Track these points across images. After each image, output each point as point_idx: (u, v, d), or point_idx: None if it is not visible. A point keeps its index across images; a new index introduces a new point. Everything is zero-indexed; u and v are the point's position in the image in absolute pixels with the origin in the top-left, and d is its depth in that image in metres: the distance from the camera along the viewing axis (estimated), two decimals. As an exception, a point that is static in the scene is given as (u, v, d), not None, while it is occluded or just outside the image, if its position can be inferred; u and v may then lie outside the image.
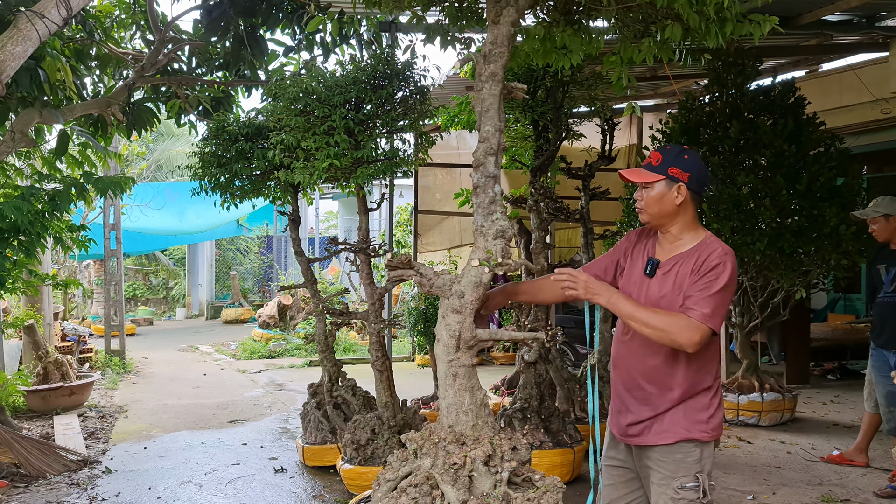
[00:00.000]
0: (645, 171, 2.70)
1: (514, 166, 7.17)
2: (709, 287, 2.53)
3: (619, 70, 3.61)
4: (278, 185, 5.83)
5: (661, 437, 2.64)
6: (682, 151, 2.68)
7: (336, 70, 4.97)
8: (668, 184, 2.64)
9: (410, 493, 2.63)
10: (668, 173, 2.64)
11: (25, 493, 5.43)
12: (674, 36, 2.95)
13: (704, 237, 2.69)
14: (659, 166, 2.66)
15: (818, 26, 6.88)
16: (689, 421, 2.62)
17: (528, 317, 5.84)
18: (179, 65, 7.28)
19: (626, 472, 2.84)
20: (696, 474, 2.60)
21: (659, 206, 2.66)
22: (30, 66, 5.33)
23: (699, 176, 2.66)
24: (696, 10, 2.72)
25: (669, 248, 2.71)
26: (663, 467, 2.64)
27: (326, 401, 5.99)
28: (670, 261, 2.68)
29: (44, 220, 5.78)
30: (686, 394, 2.64)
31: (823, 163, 6.15)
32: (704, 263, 2.58)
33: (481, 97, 2.75)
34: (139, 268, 23.44)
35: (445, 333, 2.78)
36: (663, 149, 2.70)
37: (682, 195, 2.64)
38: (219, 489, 5.50)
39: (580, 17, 3.26)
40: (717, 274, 2.54)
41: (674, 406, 2.64)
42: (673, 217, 2.68)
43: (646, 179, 2.66)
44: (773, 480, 5.35)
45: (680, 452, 2.62)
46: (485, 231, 2.77)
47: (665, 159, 2.66)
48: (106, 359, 11.43)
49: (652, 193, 2.66)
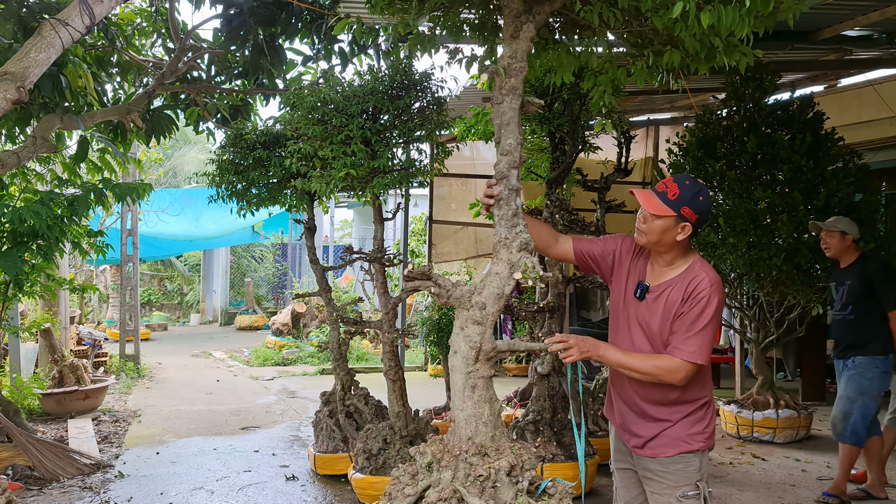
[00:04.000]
0: (658, 200, 2.69)
1: (529, 177, 7.17)
2: (694, 324, 2.62)
3: (601, 89, 3.59)
4: (294, 194, 5.87)
5: (662, 450, 2.75)
6: (699, 192, 2.69)
7: (354, 80, 5.00)
8: (677, 220, 2.67)
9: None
10: (680, 212, 2.66)
11: (39, 496, 5.46)
12: (672, 62, 2.95)
13: (692, 262, 2.75)
14: (674, 201, 2.66)
15: (838, 41, 6.84)
16: (687, 433, 2.73)
17: (541, 328, 5.82)
18: (199, 73, 7.36)
19: (635, 475, 2.94)
20: (696, 483, 2.72)
21: (659, 237, 2.71)
22: (52, 73, 5.40)
23: (705, 218, 2.72)
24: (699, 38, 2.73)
25: (660, 273, 2.78)
26: (664, 478, 2.75)
27: (339, 409, 6.00)
28: (660, 287, 2.75)
29: (62, 224, 5.84)
30: (684, 409, 2.74)
31: (842, 178, 6.10)
32: (692, 296, 2.64)
33: (501, 110, 2.76)
34: (154, 273, 23.59)
35: (465, 345, 2.78)
36: (682, 183, 2.70)
37: (685, 234, 2.69)
38: (230, 496, 5.51)
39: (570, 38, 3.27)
40: (702, 308, 2.62)
41: (674, 422, 2.74)
42: (670, 248, 2.74)
43: (657, 211, 2.68)
44: (787, 499, 5.29)
45: (681, 463, 2.73)
46: (508, 243, 2.77)
47: (682, 195, 2.66)
48: (120, 363, 11.51)
49: (657, 224, 2.69)
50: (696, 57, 2.88)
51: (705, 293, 2.62)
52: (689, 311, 2.63)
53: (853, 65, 7.85)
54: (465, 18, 3.28)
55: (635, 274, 2.83)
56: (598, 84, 3.51)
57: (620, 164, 6.50)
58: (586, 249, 2.95)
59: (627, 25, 2.94)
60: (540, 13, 2.78)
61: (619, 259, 2.90)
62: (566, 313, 6.65)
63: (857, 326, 5.21)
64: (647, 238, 2.74)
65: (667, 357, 2.63)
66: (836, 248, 5.28)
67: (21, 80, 3.83)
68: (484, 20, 3.25)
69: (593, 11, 2.75)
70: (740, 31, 2.54)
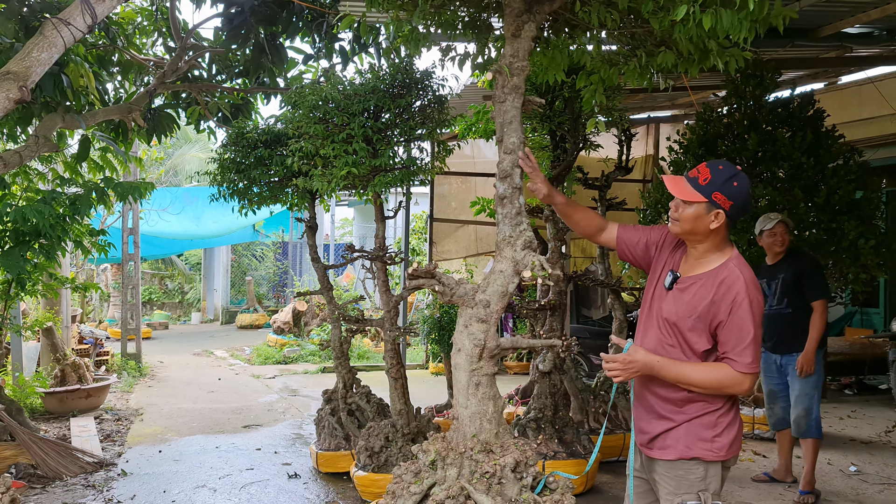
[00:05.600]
0: (689, 185, 2.56)
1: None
2: (743, 334, 2.48)
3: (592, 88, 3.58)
4: (296, 192, 5.88)
5: (664, 452, 2.64)
6: (734, 176, 2.53)
7: (355, 79, 5.01)
8: (708, 207, 2.52)
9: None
10: (711, 198, 2.51)
11: (42, 495, 5.48)
12: (666, 63, 2.95)
13: (728, 258, 2.59)
14: (705, 186, 2.52)
15: (838, 38, 6.85)
16: (690, 438, 2.59)
17: (542, 326, 5.83)
18: (200, 72, 7.37)
19: (644, 483, 2.83)
20: (698, 493, 2.57)
21: (692, 224, 2.56)
22: (54, 72, 5.42)
23: (742, 205, 2.54)
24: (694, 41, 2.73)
25: (693, 265, 2.64)
26: (668, 482, 2.64)
27: (341, 407, 6.01)
28: (690, 279, 2.61)
29: (64, 223, 5.85)
30: (694, 412, 2.60)
31: (842, 176, 6.11)
32: (725, 299, 2.51)
33: (504, 109, 2.77)
34: (155, 272, 23.61)
35: (468, 342, 2.79)
36: (715, 167, 2.54)
37: (720, 221, 2.53)
38: (233, 493, 5.53)
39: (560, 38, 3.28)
40: (743, 309, 2.49)
41: (679, 424, 2.62)
42: (703, 238, 2.59)
43: (687, 197, 2.55)
44: (788, 496, 5.30)
45: (682, 469, 2.60)
46: (512, 241, 2.78)
47: (713, 180, 2.52)
48: (122, 362, 11.52)
49: (689, 211, 2.55)
50: (689, 58, 2.89)
51: (741, 296, 2.49)
52: (730, 318, 2.49)
53: (853, 62, 7.86)
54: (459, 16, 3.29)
55: (670, 265, 2.71)
56: (590, 83, 3.52)
57: (621, 162, 6.51)
58: (628, 240, 2.85)
59: (624, 26, 2.95)
60: (540, 12, 2.80)
61: (659, 250, 2.79)
62: (567, 311, 6.67)
63: (793, 320, 5.25)
64: (679, 227, 2.60)
65: (726, 368, 2.50)
66: (786, 240, 5.28)
67: (23, 79, 3.85)
68: (475, 17, 3.26)
69: (591, 12, 2.76)
70: (737, 34, 2.55)
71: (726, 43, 2.83)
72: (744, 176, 2.56)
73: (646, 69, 3.15)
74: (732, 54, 2.87)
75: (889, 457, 6.23)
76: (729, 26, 2.47)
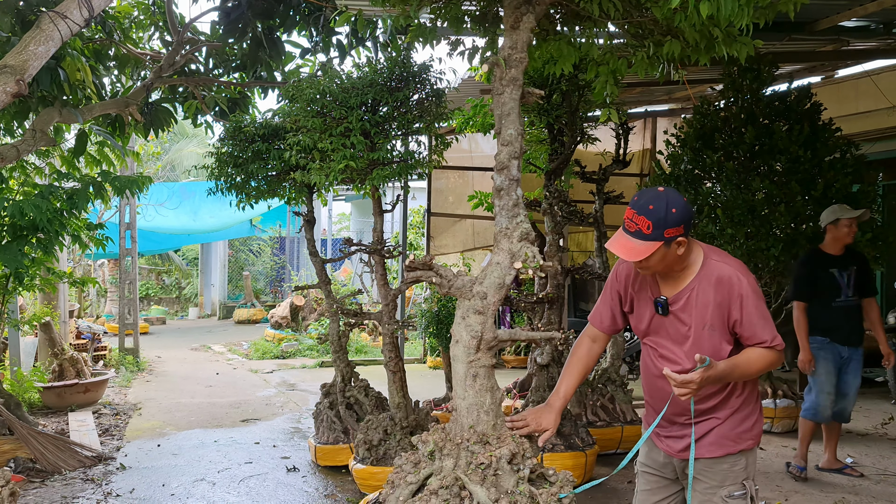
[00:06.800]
0: (638, 242, 2.48)
1: (528, 169, 7.19)
2: (759, 317, 2.52)
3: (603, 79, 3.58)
4: (294, 186, 5.88)
5: (709, 450, 2.65)
6: (667, 204, 2.45)
7: (352, 72, 5.00)
8: (667, 244, 2.47)
9: (442, 495, 2.64)
10: (664, 237, 2.45)
11: (41, 488, 5.49)
12: (672, 52, 2.95)
13: (703, 256, 2.60)
14: (653, 232, 2.45)
15: (835, 32, 6.85)
16: (736, 433, 2.64)
17: (540, 319, 5.85)
18: (197, 66, 7.36)
19: (661, 479, 2.83)
20: (742, 482, 2.62)
21: (664, 264, 2.54)
22: (50, 66, 5.41)
23: (690, 217, 2.51)
24: (699, 29, 2.73)
25: (675, 281, 2.62)
26: (709, 477, 2.65)
27: (339, 401, 6.02)
28: (682, 293, 2.59)
29: (62, 218, 5.84)
30: (735, 406, 2.65)
31: (839, 169, 6.12)
32: (731, 296, 2.52)
33: (502, 101, 2.77)
34: (152, 267, 23.60)
35: (466, 334, 2.80)
36: (647, 210, 2.46)
37: (684, 245, 2.51)
38: (232, 487, 5.54)
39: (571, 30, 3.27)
40: (750, 300, 2.51)
41: (724, 420, 2.64)
42: (679, 263, 2.57)
43: (643, 255, 2.47)
44: (785, 487, 5.33)
45: (727, 463, 2.63)
46: (509, 233, 2.78)
47: (655, 223, 2.44)
48: (120, 357, 11.52)
49: (654, 259, 2.50)
50: (696, 47, 2.89)
51: (744, 288, 2.51)
52: (744, 313, 2.52)
53: (850, 55, 7.86)
54: (467, 10, 3.30)
55: (647, 293, 2.69)
56: (600, 74, 3.52)
57: (618, 156, 6.52)
58: (609, 321, 2.83)
59: (627, 16, 2.95)
60: (540, 3, 2.80)
61: (627, 291, 2.76)
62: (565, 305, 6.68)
63: (859, 312, 5.30)
64: (652, 271, 2.59)
65: (761, 351, 2.53)
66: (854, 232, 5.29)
67: (20, 73, 3.84)
68: (485, 11, 3.26)
69: (593, 2, 2.76)
70: (739, 21, 2.54)
71: (734, 31, 2.82)
72: (670, 192, 2.52)
73: (654, 59, 3.15)
74: (742, 42, 2.86)
75: (885, 449, 6.26)
76: (731, 14, 2.46)
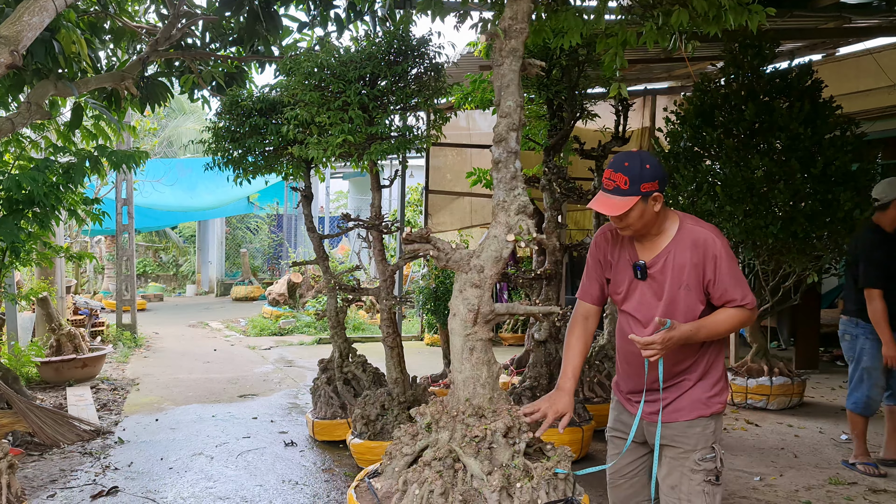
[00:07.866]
0: (616, 198, 2.61)
1: (527, 145, 7.15)
2: (731, 275, 2.62)
3: (613, 51, 3.54)
4: (291, 161, 5.84)
5: (681, 414, 2.74)
6: (642, 161, 2.60)
7: (350, 46, 4.95)
8: (644, 199, 2.59)
9: (435, 467, 2.65)
10: (641, 191, 2.58)
11: (40, 461, 5.51)
12: (681, 21, 2.92)
13: (679, 221, 2.71)
14: (630, 188, 2.58)
15: (836, 9, 6.79)
16: (706, 396, 2.73)
17: (538, 295, 5.85)
18: (193, 39, 7.27)
19: (632, 444, 2.89)
20: (712, 445, 2.72)
21: (641, 222, 2.64)
22: (45, 38, 5.33)
23: (664, 175, 2.64)
24: None
25: (651, 245, 2.73)
26: (682, 442, 2.73)
27: (337, 376, 6.04)
28: (659, 257, 2.70)
29: (58, 192, 5.80)
30: (703, 371, 2.74)
31: (839, 147, 6.09)
32: (706, 258, 2.62)
33: (501, 72, 2.75)
34: (150, 244, 23.57)
35: (463, 307, 2.79)
36: (623, 167, 2.60)
37: (659, 202, 2.62)
38: (230, 461, 5.57)
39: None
40: (724, 260, 2.62)
41: (694, 384, 2.74)
42: (654, 222, 2.67)
43: (623, 209, 2.59)
44: (780, 462, 5.37)
45: (699, 426, 2.72)
46: (507, 206, 2.77)
47: (631, 178, 2.58)
48: (117, 333, 11.54)
49: (632, 214, 2.62)
50: (706, 17, 2.86)
51: (718, 249, 2.62)
52: (718, 272, 2.61)
53: (852, 33, 7.81)
54: None
55: (626, 257, 2.78)
56: (609, 46, 3.48)
57: (618, 133, 6.49)
58: (598, 292, 2.91)
59: None
60: (542, -26, 2.76)
61: (606, 259, 2.86)
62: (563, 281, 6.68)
63: None
64: (632, 229, 2.68)
65: (732, 311, 2.63)
66: None
67: (14, 43, 3.78)
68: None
69: (600, -29, 2.73)
70: None
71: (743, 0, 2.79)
72: (644, 153, 2.66)
73: (664, 29, 3.11)
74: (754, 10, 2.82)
75: (879, 426, 6.29)
76: None
